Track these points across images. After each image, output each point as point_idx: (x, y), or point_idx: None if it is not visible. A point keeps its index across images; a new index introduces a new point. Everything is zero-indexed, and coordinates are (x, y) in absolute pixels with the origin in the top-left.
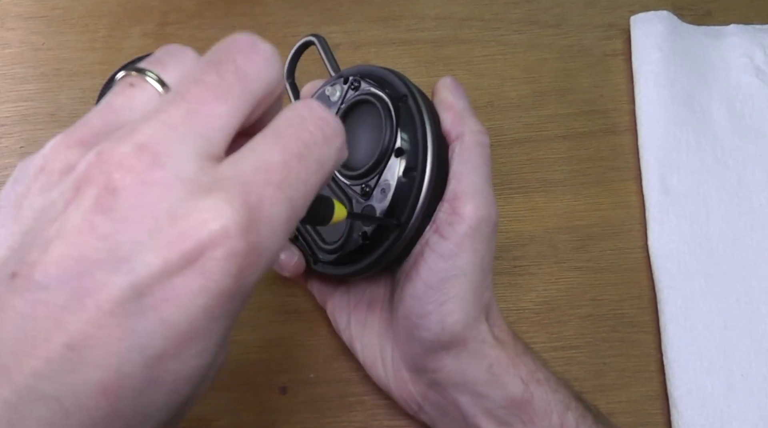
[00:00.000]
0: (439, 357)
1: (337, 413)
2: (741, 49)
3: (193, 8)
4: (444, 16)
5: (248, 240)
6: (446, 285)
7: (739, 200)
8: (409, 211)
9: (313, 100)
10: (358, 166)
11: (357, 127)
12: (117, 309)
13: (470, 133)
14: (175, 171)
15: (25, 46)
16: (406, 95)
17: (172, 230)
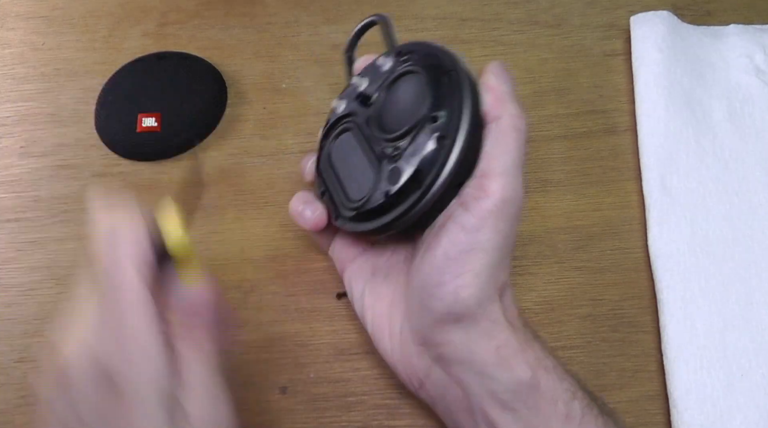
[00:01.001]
0: (448, 330)
1: (337, 413)
2: (741, 49)
3: (193, 8)
4: (444, 16)
5: None
6: (465, 258)
7: (739, 200)
8: (434, 177)
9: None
10: (395, 129)
11: (401, 94)
12: None
13: (508, 116)
14: None
15: (25, 46)
16: (451, 70)
17: None
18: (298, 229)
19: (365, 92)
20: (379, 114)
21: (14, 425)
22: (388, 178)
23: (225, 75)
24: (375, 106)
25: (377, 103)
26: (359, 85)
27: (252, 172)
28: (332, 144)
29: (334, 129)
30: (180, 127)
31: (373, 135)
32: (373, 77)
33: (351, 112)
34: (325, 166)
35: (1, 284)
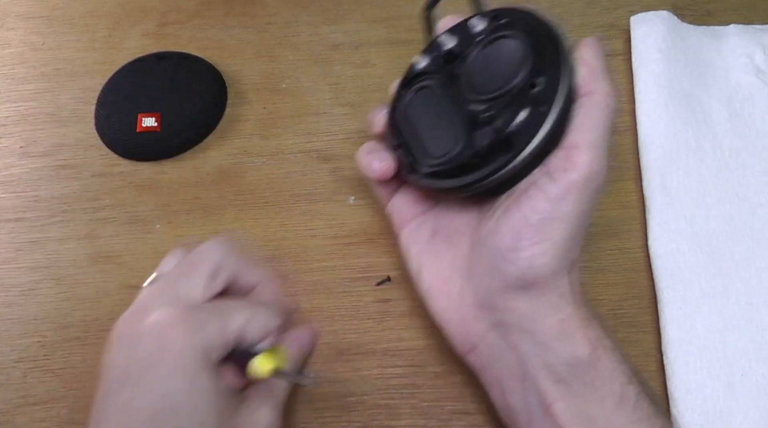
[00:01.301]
0: (515, 297)
1: (337, 413)
2: (741, 49)
3: (193, 8)
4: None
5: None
6: (545, 226)
7: (739, 200)
8: (525, 142)
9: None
10: (489, 90)
11: (498, 56)
12: None
13: (601, 92)
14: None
15: (25, 46)
16: (552, 39)
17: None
18: (298, 229)
19: (454, 50)
20: (470, 73)
21: (14, 425)
22: (477, 138)
23: (225, 75)
24: (465, 65)
25: (468, 62)
26: (446, 43)
27: (252, 172)
28: (410, 98)
29: (413, 83)
30: (180, 127)
31: (461, 93)
32: (462, 37)
33: (434, 68)
34: (401, 120)
35: (1, 284)
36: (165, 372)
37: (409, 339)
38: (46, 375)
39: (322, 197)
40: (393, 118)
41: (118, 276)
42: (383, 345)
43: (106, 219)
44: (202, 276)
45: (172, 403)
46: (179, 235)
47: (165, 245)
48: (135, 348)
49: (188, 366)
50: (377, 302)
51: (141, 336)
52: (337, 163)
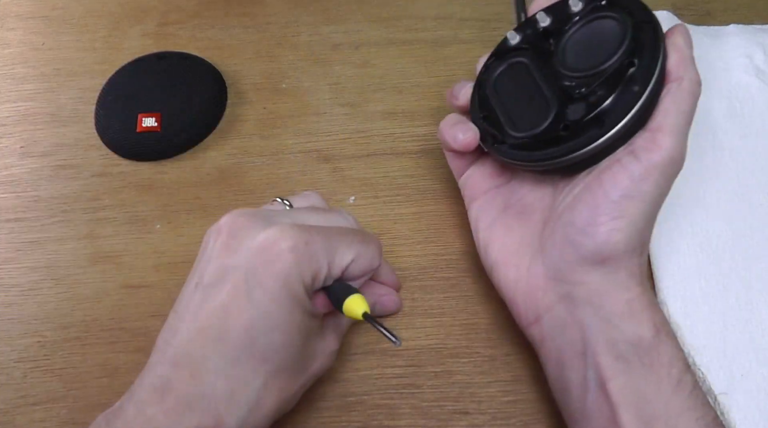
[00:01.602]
0: (587, 271)
1: (337, 413)
2: (741, 49)
3: (193, 8)
4: (444, 16)
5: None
6: (625, 203)
7: (739, 200)
8: (617, 120)
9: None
10: (585, 67)
11: (596, 36)
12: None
13: (689, 79)
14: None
15: (25, 46)
16: (649, 22)
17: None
18: None
19: (549, 28)
20: (566, 50)
21: (14, 425)
22: (569, 112)
23: (225, 75)
24: (561, 43)
25: (565, 40)
26: (542, 21)
27: (252, 172)
28: (501, 71)
29: (504, 58)
30: (180, 127)
31: (556, 70)
32: (558, 16)
33: (528, 44)
34: (490, 92)
35: (1, 284)
36: (270, 288)
37: (408, 339)
38: (46, 375)
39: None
40: (481, 90)
41: (118, 276)
42: (383, 345)
43: (106, 219)
44: (327, 218)
45: (270, 323)
46: (179, 235)
47: (165, 245)
48: (242, 250)
49: (292, 291)
50: None
51: (253, 240)
52: (337, 163)
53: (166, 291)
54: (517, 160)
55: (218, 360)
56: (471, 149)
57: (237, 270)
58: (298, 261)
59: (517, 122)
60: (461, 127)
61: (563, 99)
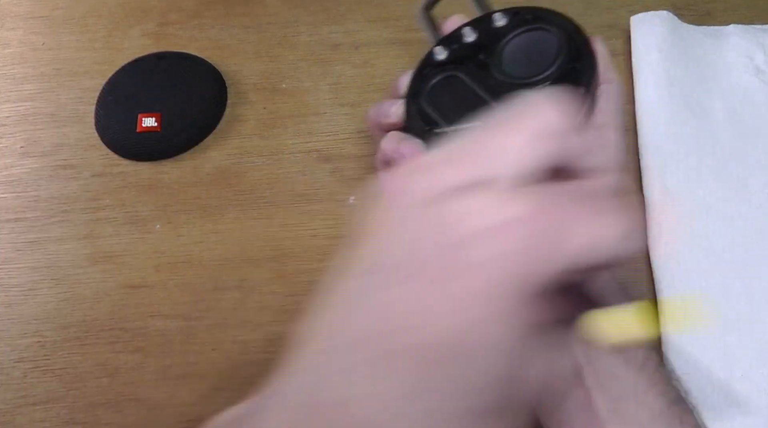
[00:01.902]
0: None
1: None
2: (741, 49)
3: (193, 8)
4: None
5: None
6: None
7: (739, 200)
8: None
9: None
10: (530, 75)
11: (527, 47)
12: None
13: (615, 83)
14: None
15: (25, 46)
16: (579, 32)
17: None
18: (298, 229)
19: (481, 42)
20: (505, 61)
21: (14, 425)
22: None
23: (225, 75)
24: (497, 54)
25: (502, 52)
26: (468, 36)
27: (252, 172)
28: (436, 86)
29: (433, 74)
30: (180, 127)
31: (496, 80)
32: (484, 30)
33: (458, 58)
34: (427, 106)
35: (1, 284)
36: (472, 290)
37: None
38: (46, 375)
39: (322, 197)
40: (416, 106)
41: (118, 276)
42: None
43: (106, 219)
44: (524, 142)
45: (465, 340)
46: (179, 235)
47: (165, 245)
48: (426, 232)
49: (507, 295)
50: None
51: (445, 217)
52: (337, 163)
53: (166, 291)
54: None
55: (388, 384)
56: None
57: (430, 252)
58: (522, 250)
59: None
60: (409, 143)
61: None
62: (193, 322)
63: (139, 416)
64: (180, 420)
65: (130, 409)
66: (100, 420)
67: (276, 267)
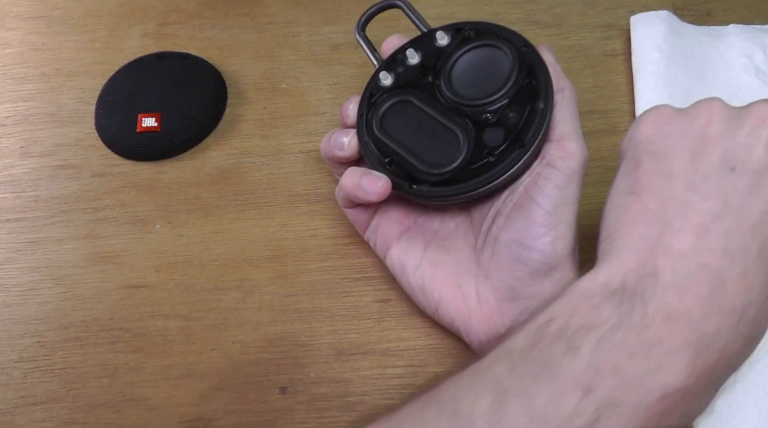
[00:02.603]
0: (540, 282)
1: (337, 413)
2: (741, 49)
3: (193, 8)
4: (444, 17)
5: None
6: (559, 210)
7: None
8: (534, 136)
9: None
10: (486, 93)
11: (475, 66)
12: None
13: (569, 88)
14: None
15: (25, 46)
16: (527, 45)
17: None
18: (298, 229)
19: (425, 64)
20: (455, 83)
21: (14, 425)
22: (487, 138)
23: (225, 75)
24: (446, 76)
25: (449, 73)
26: (411, 58)
27: (252, 172)
28: (384, 114)
29: (382, 101)
30: (180, 127)
31: (449, 101)
32: (428, 50)
33: (405, 82)
34: (381, 136)
35: (1, 284)
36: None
37: (408, 339)
38: (46, 375)
39: (322, 197)
40: (370, 136)
41: (118, 276)
42: (383, 345)
43: (106, 220)
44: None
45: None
46: (179, 235)
47: (165, 245)
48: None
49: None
50: (377, 302)
51: None
52: None
53: (166, 291)
54: (445, 196)
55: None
56: (385, 196)
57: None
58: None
59: (428, 159)
60: (371, 178)
61: (475, 127)
62: (193, 322)
63: (139, 416)
64: (180, 420)
65: (130, 409)
66: (100, 420)
67: (276, 267)
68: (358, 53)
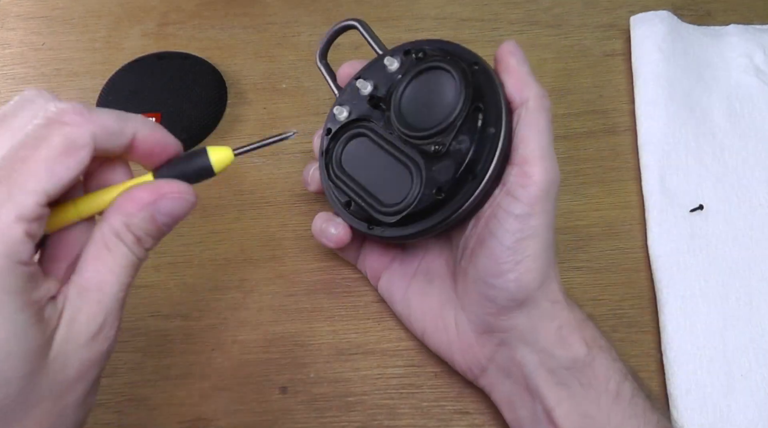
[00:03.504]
0: (512, 316)
1: (337, 413)
2: (741, 49)
3: (193, 8)
4: (444, 17)
5: None
6: (522, 244)
7: (739, 200)
8: (485, 167)
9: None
10: (432, 124)
11: (423, 92)
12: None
13: (534, 97)
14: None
15: (25, 46)
16: (475, 62)
17: None
18: (298, 229)
19: (376, 94)
20: (404, 111)
21: None
22: (437, 173)
23: (225, 75)
24: (395, 105)
25: (399, 101)
26: (363, 89)
27: (252, 172)
28: (342, 151)
29: (340, 135)
30: (180, 127)
31: (400, 133)
32: (379, 79)
33: (360, 116)
34: (340, 175)
35: None
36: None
37: (409, 339)
38: None
39: (322, 197)
40: (331, 175)
41: None
42: (383, 345)
43: None
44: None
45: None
46: (179, 235)
47: (165, 245)
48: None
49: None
50: (377, 302)
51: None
52: None
53: (166, 291)
54: (402, 238)
55: None
56: (346, 243)
57: None
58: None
59: (384, 198)
60: (330, 225)
61: (424, 161)
62: (192, 322)
63: (139, 416)
64: (180, 420)
65: (130, 409)
66: (100, 420)
67: (276, 267)
68: (359, 53)
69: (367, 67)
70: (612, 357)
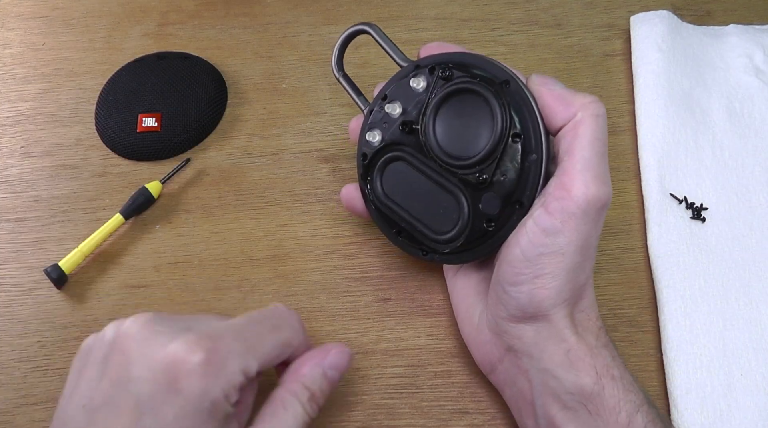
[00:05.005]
0: (519, 327)
1: (337, 413)
2: (740, 49)
3: (193, 8)
4: (444, 17)
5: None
6: (543, 260)
7: (739, 200)
8: (532, 194)
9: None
10: (468, 155)
11: (457, 119)
12: None
13: (582, 105)
14: None
15: (25, 46)
16: (507, 80)
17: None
18: (299, 229)
19: (407, 119)
20: (440, 140)
21: (14, 425)
22: (485, 205)
23: (225, 75)
24: (430, 133)
25: (432, 129)
26: (392, 112)
27: (252, 172)
28: (382, 177)
29: (375, 161)
30: (180, 127)
31: (439, 161)
32: (406, 99)
33: (393, 140)
34: (386, 203)
35: (1, 284)
36: (168, 419)
37: (408, 339)
38: (46, 375)
39: (322, 197)
40: (377, 205)
41: (118, 276)
42: (383, 345)
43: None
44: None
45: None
46: (179, 235)
47: (165, 245)
48: (138, 368)
49: (199, 420)
50: (377, 302)
51: (153, 357)
52: (337, 163)
53: (166, 291)
54: (456, 263)
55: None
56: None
57: (129, 394)
58: (208, 375)
59: (432, 225)
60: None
61: (469, 190)
62: None
63: None
64: None
65: None
66: None
67: (276, 267)
68: (359, 53)
69: (391, 83)
70: (625, 388)
